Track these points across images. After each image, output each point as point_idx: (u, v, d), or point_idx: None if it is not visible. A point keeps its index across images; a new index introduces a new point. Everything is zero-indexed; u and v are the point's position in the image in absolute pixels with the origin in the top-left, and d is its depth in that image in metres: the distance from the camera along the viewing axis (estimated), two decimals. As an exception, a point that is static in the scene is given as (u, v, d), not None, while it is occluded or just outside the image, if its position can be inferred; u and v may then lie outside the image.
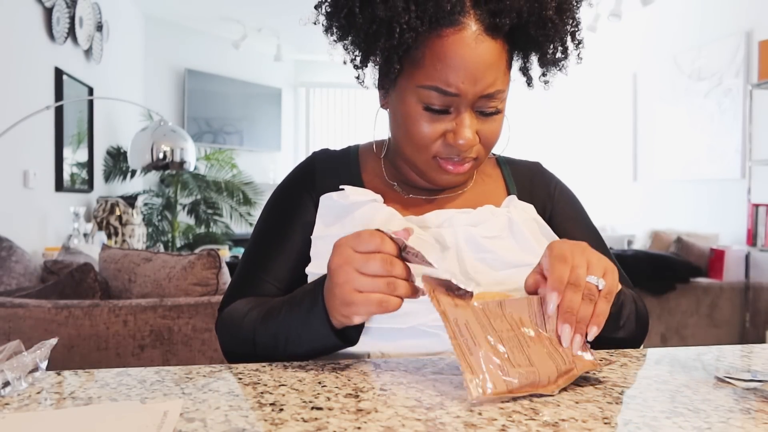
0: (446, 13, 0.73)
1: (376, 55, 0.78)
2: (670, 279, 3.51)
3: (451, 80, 0.74)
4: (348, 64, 0.83)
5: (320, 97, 7.27)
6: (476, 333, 0.58)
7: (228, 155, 5.83)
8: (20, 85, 3.11)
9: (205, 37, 6.13)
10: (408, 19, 0.72)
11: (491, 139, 0.81)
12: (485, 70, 0.75)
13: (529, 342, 0.60)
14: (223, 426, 0.49)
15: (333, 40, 0.81)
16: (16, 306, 1.70)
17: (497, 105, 0.79)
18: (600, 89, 5.51)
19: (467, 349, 0.57)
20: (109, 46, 4.44)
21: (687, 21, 4.58)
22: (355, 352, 0.77)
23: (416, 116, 0.78)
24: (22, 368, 0.58)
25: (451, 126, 0.78)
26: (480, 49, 0.74)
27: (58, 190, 3.61)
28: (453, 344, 0.57)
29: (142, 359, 1.70)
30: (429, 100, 0.76)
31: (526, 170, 0.96)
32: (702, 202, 4.39)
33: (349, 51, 0.82)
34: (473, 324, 0.59)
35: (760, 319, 3.70)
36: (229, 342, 0.82)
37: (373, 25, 0.74)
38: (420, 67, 0.76)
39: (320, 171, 0.89)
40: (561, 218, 0.92)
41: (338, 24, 0.79)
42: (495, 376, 0.56)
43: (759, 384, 0.59)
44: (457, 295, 0.61)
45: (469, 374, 0.55)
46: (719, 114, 4.21)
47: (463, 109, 0.77)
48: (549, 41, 0.78)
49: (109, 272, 2.04)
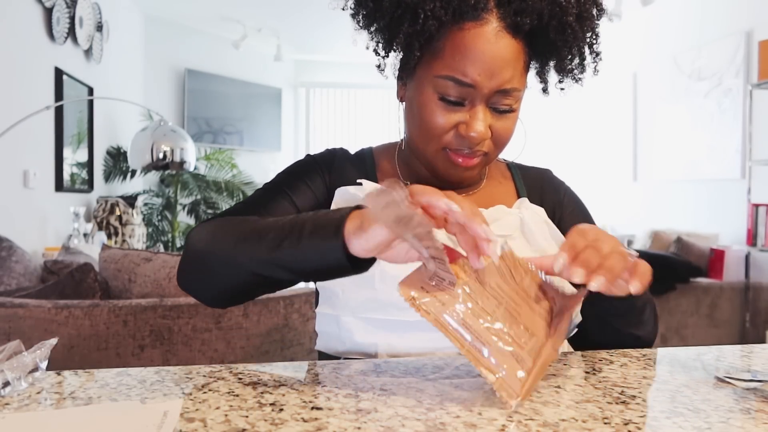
0: (470, 7, 0.75)
1: (399, 40, 0.79)
2: (670, 279, 3.50)
3: (468, 71, 0.76)
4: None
5: (320, 97, 7.27)
6: (476, 328, 0.58)
7: (228, 155, 5.83)
8: (20, 85, 3.11)
9: (205, 37, 6.13)
10: (433, 7, 0.74)
11: (503, 137, 0.82)
12: (503, 65, 0.76)
13: (516, 308, 0.61)
14: (223, 426, 0.49)
15: (358, 26, 0.83)
16: (16, 306, 1.70)
17: (512, 103, 0.80)
18: (600, 89, 5.51)
19: (477, 351, 0.57)
20: (109, 46, 4.44)
21: (687, 21, 4.58)
22: (364, 347, 0.77)
23: (431, 106, 0.79)
24: (22, 368, 0.58)
25: (464, 118, 0.79)
26: (499, 45, 0.76)
27: (58, 190, 3.61)
28: (463, 353, 0.57)
29: (142, 359, 1.70)
30: (445, 90, 0.78)
31: (537, 176, 0.99)
32: (702, 202, 4.39)
33: (373, 37, 0.84)
34: (468, 317, 0.58)
35: (760, 319, 3.70)
36: (204, 239, 0.74)
37: (398, 9, 0.77)
38: (439, 58, 0.78)
39: (339, 161, 0.91)
40: (570, 224, 0.92)
41: (366, 8, 0.81)
42: (511, 370, 0.56)
43: (759, 384, 0.59)
44: (438, 288, 0.59)
45: (491, 375, 0.56)
46: (719, 114, 4.21)
47: (477, 102, 0.78)
48: (567, 47, 0.80)
49: (109, 272, 2.04)
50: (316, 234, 0.61)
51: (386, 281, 0.77)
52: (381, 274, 0.76)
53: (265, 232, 0.66)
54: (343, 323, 0.79)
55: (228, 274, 0.70)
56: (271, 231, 0.66)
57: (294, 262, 0.64)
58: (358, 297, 0.78)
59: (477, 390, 0.59)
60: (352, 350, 0.80)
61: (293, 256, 0.64)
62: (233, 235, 0.70)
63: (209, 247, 0.72)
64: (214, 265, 0.72)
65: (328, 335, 0.83)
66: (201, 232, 0.75)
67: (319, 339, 0.85)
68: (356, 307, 0.79)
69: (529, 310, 0.62)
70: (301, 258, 0.63)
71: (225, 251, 0.70)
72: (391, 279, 0.76)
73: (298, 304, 1.92)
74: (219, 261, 0.71)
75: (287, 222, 0.65)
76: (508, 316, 0.60)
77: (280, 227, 0.65)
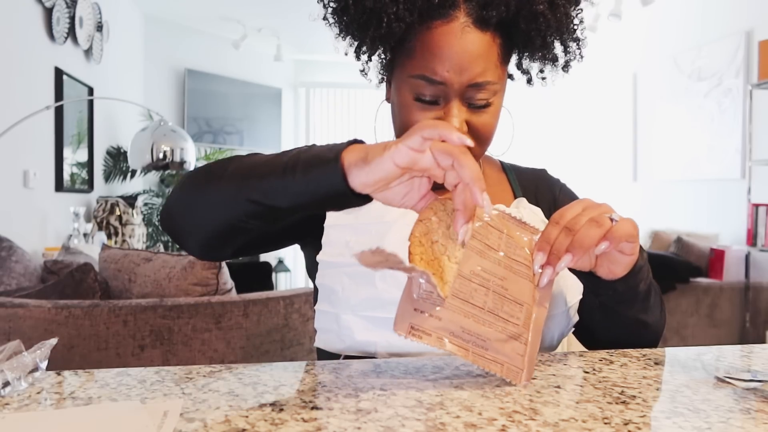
0: (435, 6, 0.75)
1: (367, 44, 0.80)
2: (670, 279, 3.51)
3: (438, 69, 0.76)
4: (349, 57, 0.86)
5: (320, 97, 7.27)
6: (475, 329, 0.59)
7: (228, 155, 5.83)
8: (20, 85, 3.11)
9: (205, 37, 6.13)
10: (396, 10, 0.75)
11: (483, 132, 0.81)
12: (471, 60, 0.76)
13: (501, 283, 0.62)
14: (223, 426, 0.49)
15: (336, 34, 0.84)
16: (16, 306, 1.70)
17: (487, 97, 0.79)
18: (600, 89, 5.51)
19: (481, 354, 0.59)
20: (109, 46, 4.44)
21: (687, 21, 4.58)
22: (363, 345, 0.77)
23: (408, 106, 0.80)
24: (22, 368, 0.58)
25: (440, 116, 0.79)
26: (466, 40, 0.76)
27: (58, 190, 3.61)
28: (471, 360, 0.59)
29: (142, 359, 1.70)
30: (419, 89, 0.78)
31: (532, 176, 0.98)
32: (702, 202, 4.39)
33: (351, 43, 0.84)
34: (466, 322, 0.59)
35: (760, 319, 3.70)
36: (196, 175, 0.71)
37: (363, 15, 0.77)
38: (412, 58, 0.78)
39: None
40: None
41: (336, 16, 0.82)
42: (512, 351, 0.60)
43: (759, 384, 0.59)
44: (431, 303, 0.59)
45: (498, 366, 0.59)
46: (719, 114, 4.21)
47: (451, 98, 0.78)
48: (541, 36, 0.79)
49: (109, 272, 2.05)
50: (313, 166, 0.60)
51: (387, 280, 0.77)
52: (382, 273, 0.76)
53: (263, 164, 0.65)
54: (342, 321, 0.79)
55: (224, 206, 0.67)
56: (268, 163, 0.64)
57: (294, 190, 0.62)
58: (358, 295, 0.78)
59: (477, 390, 0.60)
60: (352, 348, 0.79)
61: (293, 185, 0.61)
62: (230, 169, 0.67)
63: (203, 180, 0.70)
64: (209, 197, 0.68)
65: (327, 332, 0.83)
66: (194, 172, 0.72)
67: (318, 336, 0.85)
68: (356, 305, 0.78)
69: (513, 276, 0.63)
70: (302, 187, 0.61)
71: (221, 182, 0.67)
72: (391, 277, 0.77)
73: (298, 304, 1.92)
74: (214, 191, 0.68)
75: (285, 155, 0.64)
76: (498, 297, 0.61)
77: (278, 160, 0.64)
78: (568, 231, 0.64)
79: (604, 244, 0.64)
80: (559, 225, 0.64)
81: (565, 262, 0.63)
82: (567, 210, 0.66)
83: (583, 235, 0.63)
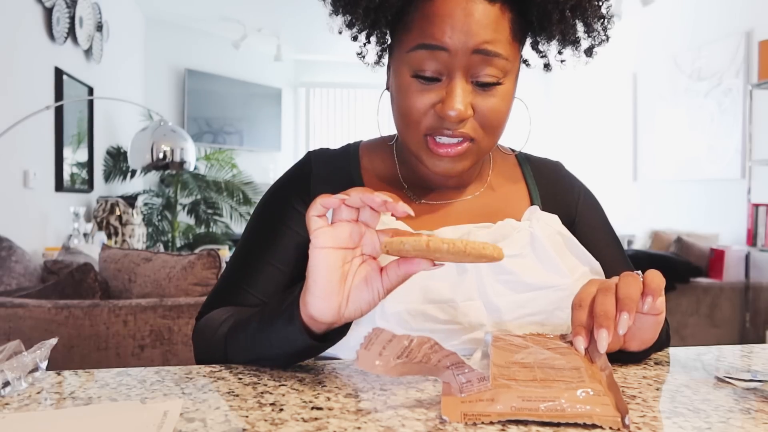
0: None
1: (360, 17, 0.73)
2: (670, 279, 3.50)
3: (437, 34, 0.68)
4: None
5: (320, 97, 7.27)
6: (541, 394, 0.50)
7: (228, 155, 5.83)
8: (20, 85, 3.11)
9: (205, 37, 6.13)
10: None
11: (491, 118, 0.72)
12: (477, 25, 0.68)
13: (546, 361, 0.56)
14: (223, 426, 0.49)
15: (330, 11, 0.78)
16: (16, 306, 1.70)
17: (496, 75, 0.70)
18: (600, 89, 5.51)
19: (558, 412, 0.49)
20: (109, 46, 4.44)
21: (687, 21, 4.58)
22: None
23: (407, 87, 0.71)
24: (22, 368, 0.58)
25: (441, 96, 0.70)
26: (471, 7, 0.68)
27: (58, 190, 3.61)
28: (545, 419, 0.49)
29: (142, 359, 1.70)
30: (418, 64, 0.70)
31: (548, 172, 0.90)
32: (702, 202, 4.39)
33: (344, 21, 0.78)
34: (526, 392, 0.50)
35: (760, 319, 3.70)
36: (204, 352, 0.76)
37: None
38: (410, 31, 0.71)
39: (316, 175, 0.82)
40: (586, 227, 0.87)
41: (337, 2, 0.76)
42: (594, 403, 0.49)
43: (759, 384, 0.59)
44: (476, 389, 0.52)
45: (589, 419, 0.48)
46: (719, 114, 4.21)
47: (455, 73, 0.69)
48: (559, 9, 0.71)
49: (109, 272, 2.05)
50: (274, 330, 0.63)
51: (387, 318, 0.71)
52: (382, 312, 0.70)
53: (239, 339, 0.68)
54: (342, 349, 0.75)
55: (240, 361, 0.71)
56: (241, 336, 0.68)
57: (272, 358, 0.66)
58: (358, 333, 0.68)
59: (477, 390, 0.59)
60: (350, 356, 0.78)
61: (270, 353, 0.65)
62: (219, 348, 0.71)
63: (207, 357, 0.74)
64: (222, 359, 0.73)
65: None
66: (197, 339, 0.77)
67: None
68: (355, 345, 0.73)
69: (554, 354, 0.57)
70: (276, 353, 0.64)
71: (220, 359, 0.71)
72: (392, 315, 0.71)
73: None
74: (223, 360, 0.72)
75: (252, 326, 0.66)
76: (548, 369, 0.54)
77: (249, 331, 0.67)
78: (606, 291, 0.58)
79: (649, 298, 0.58)
80: (583, 307, 0.59)
81: (623, 321, 0.56)
82: (583, 292, 0.61)
83: (627, 290, 0.58)
